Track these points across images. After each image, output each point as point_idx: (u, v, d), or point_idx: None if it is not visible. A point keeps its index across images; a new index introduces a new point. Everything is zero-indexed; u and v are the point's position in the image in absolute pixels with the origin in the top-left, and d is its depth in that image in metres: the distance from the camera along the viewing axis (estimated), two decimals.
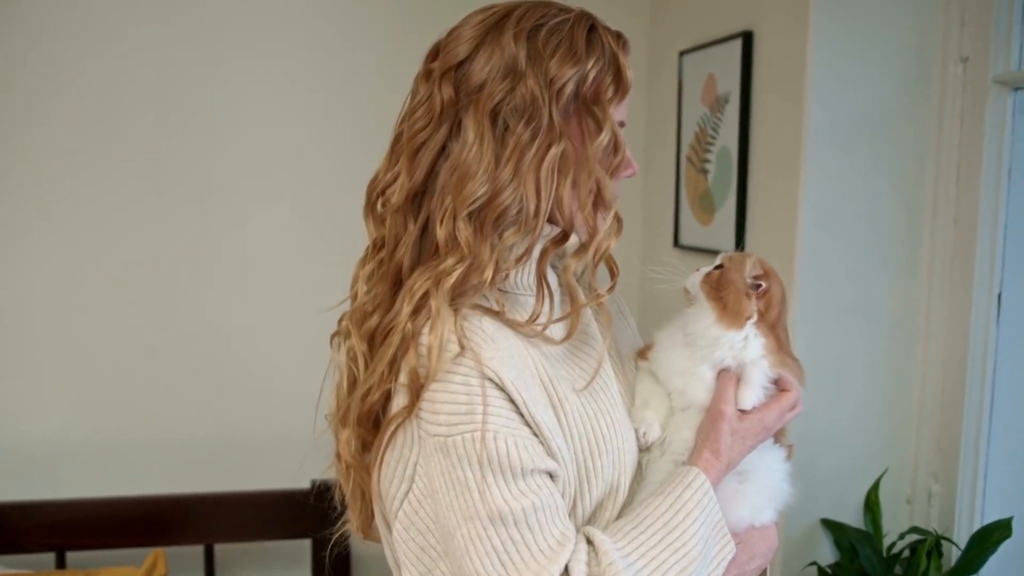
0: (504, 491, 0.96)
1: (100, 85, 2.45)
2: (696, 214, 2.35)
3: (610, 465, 1.06)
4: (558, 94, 1.01)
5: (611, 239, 1.06)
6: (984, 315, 1.84)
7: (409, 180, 1.06)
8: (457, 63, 1.05)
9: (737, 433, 1.10)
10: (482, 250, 1.01)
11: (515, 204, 1.01)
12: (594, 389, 1.09)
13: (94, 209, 2.48)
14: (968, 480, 1.87)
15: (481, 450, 0.96)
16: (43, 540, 2.37)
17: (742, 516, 1.13)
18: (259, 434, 2.59)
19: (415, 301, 1.01)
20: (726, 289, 1.14)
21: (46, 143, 2.44)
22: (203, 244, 2.55)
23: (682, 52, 2.40)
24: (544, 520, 0.97)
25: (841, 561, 1.88)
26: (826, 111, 1.87)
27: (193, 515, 2.42)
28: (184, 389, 2.56)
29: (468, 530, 0.96)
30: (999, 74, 1.79)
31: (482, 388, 0.97)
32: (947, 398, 1.91)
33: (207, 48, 2.49)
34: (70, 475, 2.50)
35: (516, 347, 1.03)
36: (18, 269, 2.46)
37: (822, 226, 1.90)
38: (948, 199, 1.89)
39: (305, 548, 2.54)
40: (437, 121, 1.05)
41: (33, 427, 2.49)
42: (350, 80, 2.58)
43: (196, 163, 2.52)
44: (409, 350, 1.00)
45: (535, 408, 1.00)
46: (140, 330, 2.52)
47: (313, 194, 2.59)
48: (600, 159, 1.04)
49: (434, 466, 0.99)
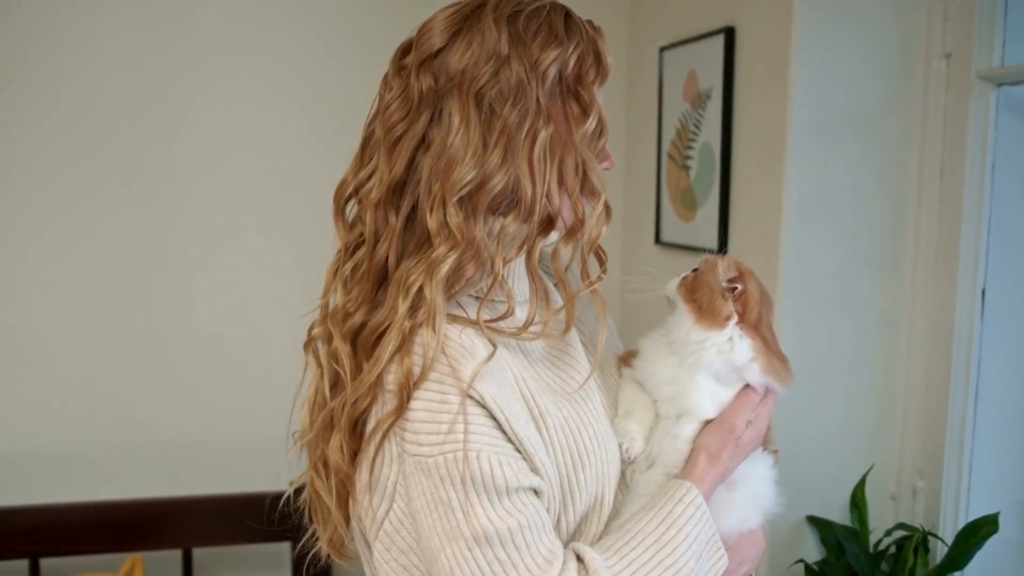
0: (489, 511, 0.93)
1: (85, 90, 2.40)
2: (678, 211, 2.34)
3: (594, 478, 1.04)
4: (542, 77, 0.99)
5: (602, 227, 1.03)
6: (968, 311, 1.84)
7: (389, 173, 1.03)
8: (434, 51, 1.02)
9: (740, 445, 1.10)
10: (475, 236, 0.98)
11: (508, 189, 0.99)
12: (576, 400, 1.07)
13: (74, 214, 2.43)
14: (953, 476, 1.87)
15: (464, 470, 0.93)
16: (15, 547, 2.31)
17: (731, 526, 1.11)
18: (237, 436, 2.55)
19: (411, 296, 0.98)
20: (700, 291, 1.13)
21: (34, 148, 2.39)
22: (180, 247, 2.50)
23: (662, 48, 2.39)
24: (531, 538, 0.95)
25: (828, 558, 1.87)
26: (810, 107, 1.87)
27: (170, 519, 2.38)
28: (161, 392, 2.51)
29: (453, 551, 0.93)
30: (982, 70, 1.79)
31: (463, 406, 0.94)
32: (931, 394, 1.91)
33: (195, 54, 2.46)
34: (43, 480, 2.45)
35: (496, 360, 1.00)
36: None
37: (806, 222, 1.89)
38: (932, 195, 1.89)
39: (285, 551, 2.51)
40: (416, 111, 1.02)
41: (5, 432, 2.44)
42: (336, 85, 2.55)
43: (183, 167, 2.48)
44: (404, 348, 0.97)
45: (517, 424, 0.97)
46: (114, 333, 2.48)
47: (302, 200, 2.55)
48: (587, 143, 1.02)
49: (415, 486, 0.96)
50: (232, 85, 2.50)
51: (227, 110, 2.49)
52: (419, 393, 0.95)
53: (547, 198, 1.00)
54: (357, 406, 1.00)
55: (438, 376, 0.96)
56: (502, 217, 1.01)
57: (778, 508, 1.17)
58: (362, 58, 2.51)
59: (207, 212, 2.51)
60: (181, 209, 2.49)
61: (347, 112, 2.53)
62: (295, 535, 2.35)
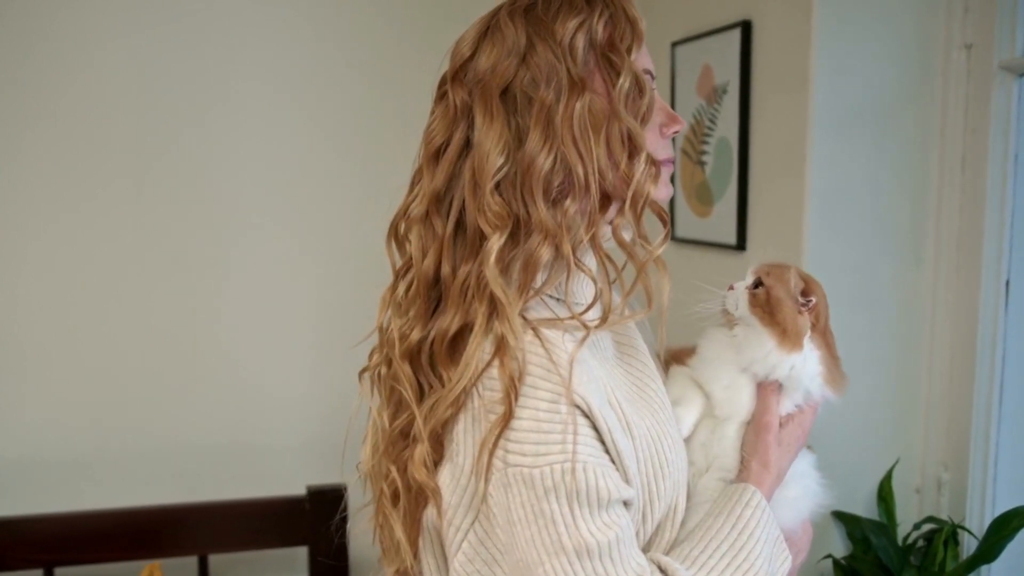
0: (591, 524, 0.92)
1: (90, 89, 2.38)
2: (693, 207, 2.33)
3: (672, 487, 1.04)
4: (571, 50, 0.99)
5: (649, 183, 1.01)
6: (992, 302, 1.83)
7: (431, 183, 1.02)
8: (464, 60, 1.03)
9: (783, 443, 1.10)
10: (532, 218, 0.97)
11: (558, 169, 0.98)
12: (654, 409, 1.06)
13: (79, 217, 2.41)
14: (979, 468, 1.87)
15: (571, 482, 0.91)
16: (30, 556, 2.28)
17: (787, 521, 1.11)
18: (252, 441, 2.54)
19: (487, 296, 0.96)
20: (780, 311, 1.10)
21: (37, 149, 2.37)
22: (193, 253, 2.48)
23: (675, 43, 2.38)
24: (625, 551, 0.94)
25: (855, 552, 1.86)
26: (830, 100, 1.85)
27: (186, 526, 2.35)
28: (174, 397, 2.49)
29: (554, 565, 0.92)
30: (1004, 60, 1.78)
31: (572, 416, 0.93)
32: (955, 386, 1.90)
33: (202, 54, 2.44)
34: (57, 488, 2.42)
35: (593, 370, 0.99)
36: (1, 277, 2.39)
37: (827, 217, 1.88)
38: (954, 187, 1.88)
39: (302, 556, 2.49)
40: (453, 123, 1.02)
41: (17, 439, 2.41)
42: (349, 88, 2.55)
43: (188, 169, 2.46)
44: (502, 351, 0.94)
45: (616, 435, 0.96)
46: (127, 338, 2.45)
47: (305, 202, 2.55)
48: (628, 106, 1.00)
49: (513, 497, 0.94)
50: (241, 85, 2.48)
51: (234, 112, 2.47)
52: (525, 401, 0.93)
53: (600, 174, 0.99)
54: (440, 415, 0.98)
55: (546, 384, 0.94)
56: (568, 200, 0.99)
57: (830, 499, 1.17)
58: (376, 61, 2.54)
59: (221, 214, 2.49)
60: (196, 210, 2.48)
61: (360, 115, 2.55)
62: (311, 540, 2.36)
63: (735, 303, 1.13)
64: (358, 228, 2.53)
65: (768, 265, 1.15)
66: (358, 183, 2.55)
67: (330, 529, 1.43)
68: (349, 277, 2.51)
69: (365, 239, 2.31)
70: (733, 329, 1.14)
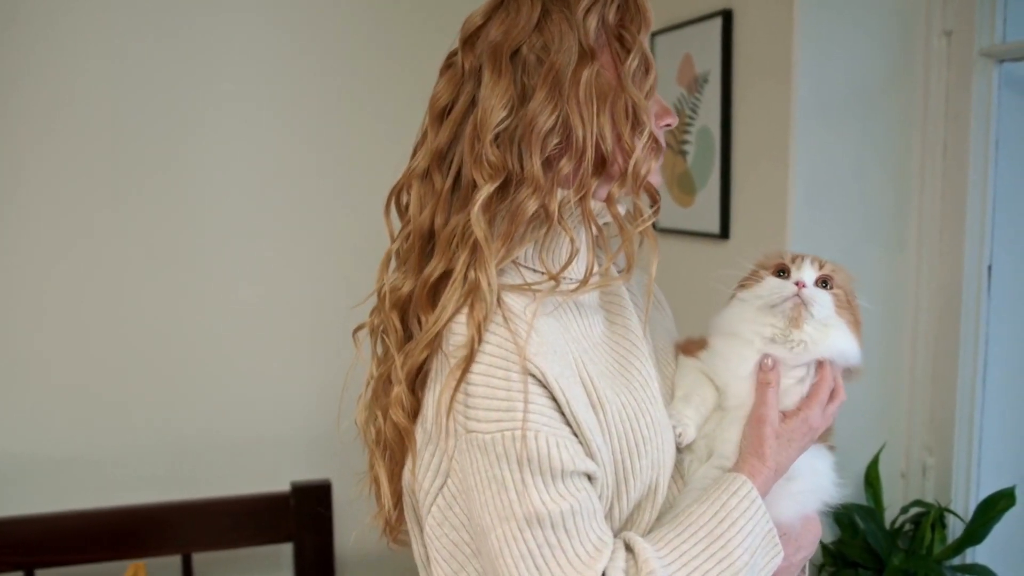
0: (543, 492, 0.93)
1: (85, 91, 2.36)
2: (675, 196, 2.33)
3: (649, 466, 1.03)
4: (584, 25, 1.01)
5: (650, 160, 1.03)
6: (975, 287, 1.85)
7: (434, 141, 1.05)
8: (476, 28, 1.05)
9: (782, 436, 1.08)
10: (524, 170, 0.99)
11: (557, 128, 1.00)
12: (634, 387, 1.06)
13: (67, 217, 2.37)
14: (963, 452, 1.88)
15: (521, 449, 0.92)
16: (10, 559, 2.24)
17: (790, 515, 1.10)
18: (236, 437, 2.51)
19: (469, 244, 0.99)
20: (857, 311, 1.15)
21: (39, 148, 2.34)
22: (177, 249, 2.45)
23: (654, 33, 2.38)
24: (582, 524, 0.94)
25: (843, 537, 1.88)
26: (812, 88, 1.86)
27: (169, 524, 2.32)
28: (154, 394, 2.46)
29: (503, 531, 0.93)
30: (984, 47, 1.80)
31: (524, 384, 0.94)
32: (939, 371, 1.92)
33: (196, 57, 2.42)
34: (36, 489, 2.38)
35: (559, 341, 1.00)
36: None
37: (811, 204, 1.89)
38: (935, 173, 1.90)
39: (287, 552, 2.47)
40: (460, 85, 1.05)
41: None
42: (336, 88, 2.54)
43: (179, 167, 2.44)
44: (470, 300, 0.97)
45: (577, 407, 0.97)
46: (105, 336, 2.42)
47: (293, 199, 2.54)
48: (635, 81, 1.03)
49: (470, 463, 0.95)
50: (240, 87, 2.46)
51: (226, 110, 2.46)
52: (479, 367, 0.95)
53: (600, 139, 1.01)
54: (415, 357, 1.01)
55: (500, 352, 0.96)
56: (564, 159, 1.01)
57: (838, 498, 1.16)
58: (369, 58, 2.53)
59: (212, 213, 2.47)
60: (185, 209, 2.45)
61: (356, 111, 2.54)
62: (296, 536, 2.34)
63: (819, 304, 1.10)
64: (347, 224, 2.52)
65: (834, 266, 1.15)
66: (349, 179, 2.53)
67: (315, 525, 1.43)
68: (334, 273, 2.49)
69: (354, 234, 2.31)
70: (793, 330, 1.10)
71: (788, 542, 1.07)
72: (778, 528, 1.05)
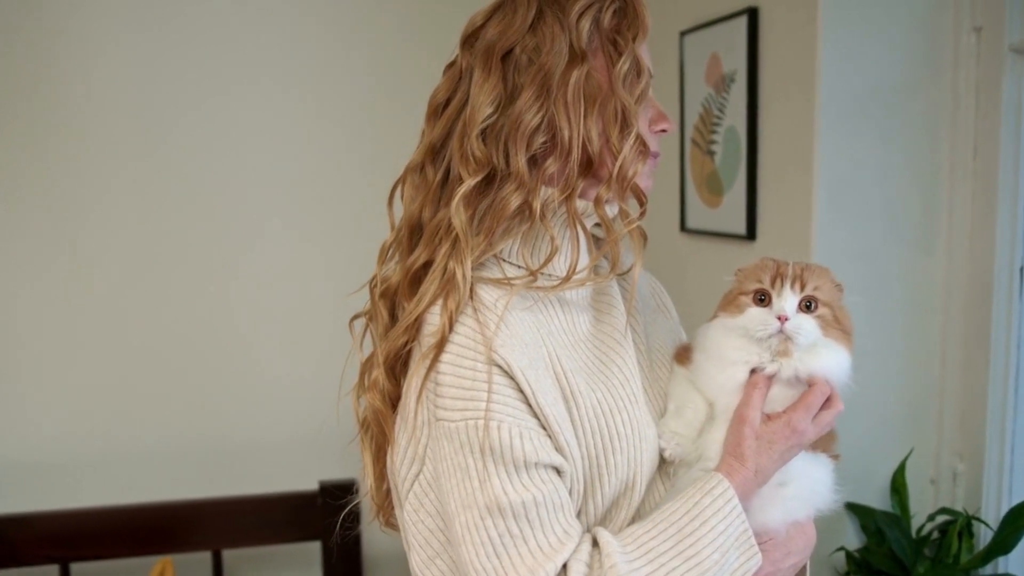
0: (505, 482, 0.94)
1: (99, 90, 2.40)
2: (703, 196, 2.31)
3: (624, 463, 1.03)
4: (577, 28, 1.02)
5: (637, 163, 1.04)
6: (1007, 289, 1.80)
7: (429, 136, 1.08)
8: (475, 28, 1.07)
9: (763, 437, 1.05)
10: (509, 167, 1.01)
11: (544, 127, 1.01)
12: (612, 384, 1.06)
13: (86, 215, 2.42)
14: (995, 458, 1.83)
15: (484, 438, 0.94)
16: (45, 552, 2.31)
17: (778, 519, 1.08)
18: (264, 437, 2.55)
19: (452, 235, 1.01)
20: (846, 320, 1.11)
21: (41, 149, 2.39)
22: (201, 250, 2.50)
23: (683, 32, 2.36)
24: (546, 516, 0.95)
25: (869, 544, 1.84)
26: (838, 87, 1.83)
27: (199, 521, 2.36)
28: (186, 393, 2.51)
29: (466, 518, 0.94)
30: (1015, 42, 1.75)
31: (488, 375, 0.95)
32: (970, 375, 1.87)
33: (204, 54, 2.46)
34: (71, 484, 2.44)
35: (530, 335, 1.01)
36: (13, 275, 2.41)
37: (837, 204, 1.86)
38: (965, 173, 1.85)
39: (315, 550, 2.49)
40: (457, 83, 1.07)
41: (32, 436, 2.44)
42: (354, 83, 2.56)
43: (189, 168, 2.47)
44: (446, 290, 1.00)
45: (544, 399, 0.97)
46: (140, 335, 2.47)
47: (307, 200, 2.56)
48: (626, 85, 1.04)
49: (440, 450, 0.97)
50: (249, 84, 2.49)
51: (242, 110, 2.49)
52: (448, 357, 0.97)
53: (587, 140, 1.02)
54: (394, 341, 1.04)
55: (468, 343, 0.97)
56: (550, 159, 1.03)
57: (832, 506, 1.14)
58: (385, 55, 2.53)
59: (229, 211, 2.51)
60: (203, 208, 2.49)
61: (369, 111, 2.55)
62: (324, 534, 2.36)
63: (804, 334, 1.06)
64: (370, 222, 2.52)
65: (801, 271, 1.09)
66: (367, 179, 2.53)
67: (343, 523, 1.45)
68: (357, 272, 2.49)
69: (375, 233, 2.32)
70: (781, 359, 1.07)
71: (775, 547, 1.05)
72: (764, 533, 1.03)
